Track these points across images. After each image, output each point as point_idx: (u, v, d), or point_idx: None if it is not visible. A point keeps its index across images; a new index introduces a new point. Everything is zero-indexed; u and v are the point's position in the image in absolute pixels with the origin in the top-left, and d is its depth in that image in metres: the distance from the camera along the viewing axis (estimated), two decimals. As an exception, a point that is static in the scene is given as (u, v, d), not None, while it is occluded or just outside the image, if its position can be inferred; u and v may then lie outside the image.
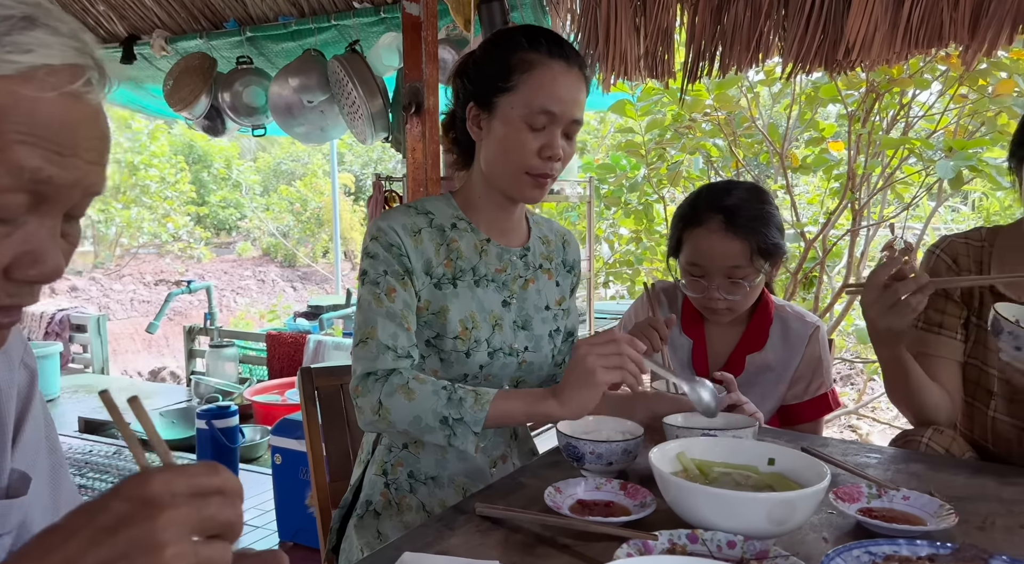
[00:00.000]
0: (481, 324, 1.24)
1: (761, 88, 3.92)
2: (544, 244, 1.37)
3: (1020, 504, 1.02)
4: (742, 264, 1.45)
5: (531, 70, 1.17)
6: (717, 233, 1.46)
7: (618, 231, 5.98)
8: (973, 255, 1.36)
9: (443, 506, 1.24)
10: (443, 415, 1.09)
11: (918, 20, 2.10)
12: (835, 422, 3.99)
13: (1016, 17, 2.00)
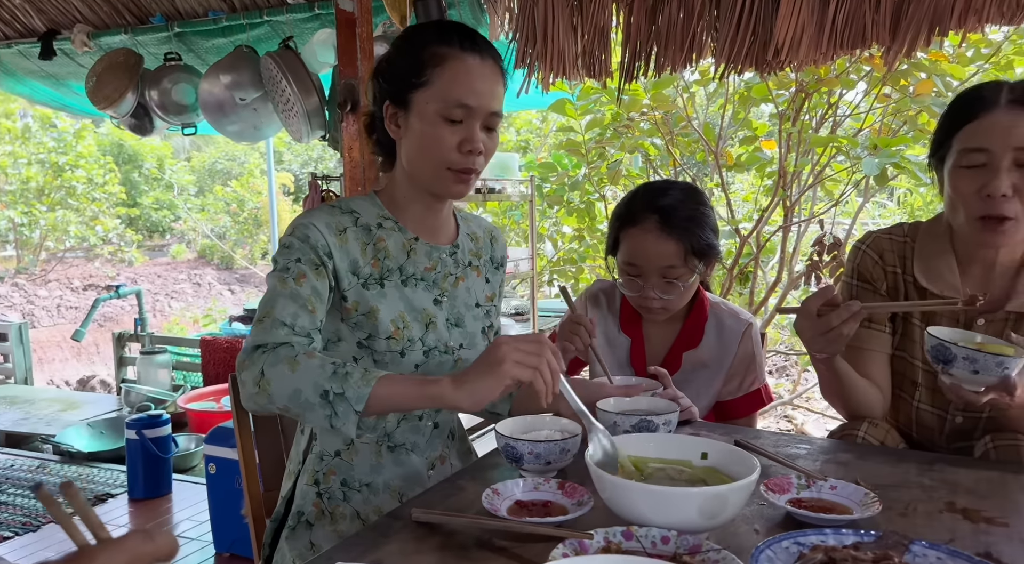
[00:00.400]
0: (413, 323, 1.23)
1: (697, 88, 3.99)
2: (473, 241, 1.37)
3: (939, 490, 1.06)
4: (676, 264, 1.47)
5: (443, 64, 1.15)
6: (652, 233, 1.47)
7: (561, 229, 6.02)
8: (897, 250, 1.40)
9: (379, 513, 1.21)
10: (324, 388, 1.01)
11: (842, 22, 2.17)
12: (771, 413, 4.10)
13: (933, 20, 2.08)
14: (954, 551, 0.80)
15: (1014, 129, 1.19)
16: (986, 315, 1.30)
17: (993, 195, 1.19)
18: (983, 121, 1.22)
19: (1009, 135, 1.19)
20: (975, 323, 1.31)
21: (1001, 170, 1.19)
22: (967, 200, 1.23)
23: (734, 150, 3.95)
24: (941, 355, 1.11)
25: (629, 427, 1.22)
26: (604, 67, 2.60)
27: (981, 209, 1.21)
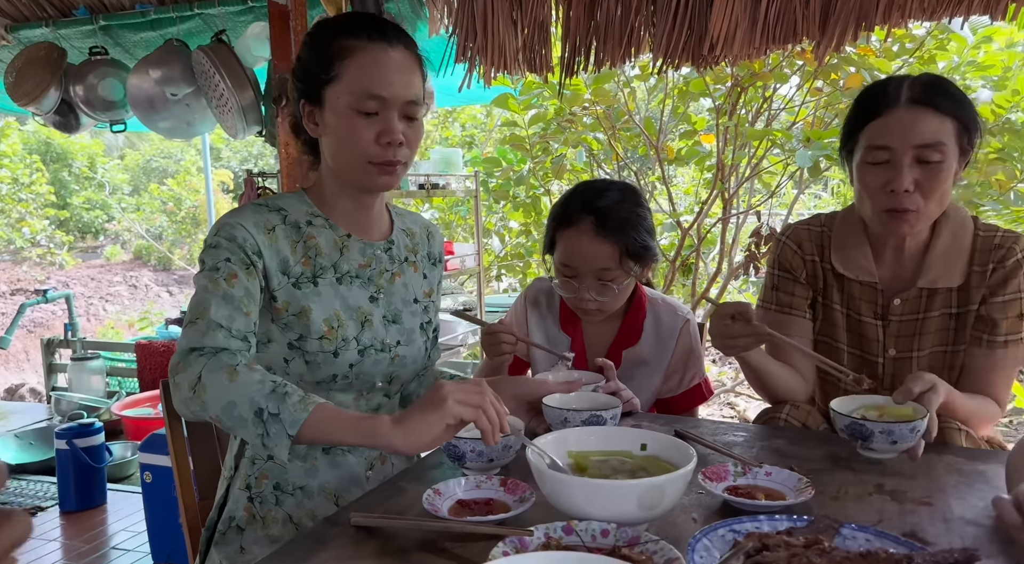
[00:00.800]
0: (348, 322, 1.20)
1: (637, 83, 4.04)
2: (408, 237, 1.35)
3: (869, 472, 1.10)
4: (611, 266, 1.47)
5: (351, 56, 1.13)
6: (587, 235, 1.46)
7: (508, 224, 6.03)
8: (814, 239, 1.47)
9: (312, 517, 1.19)
10: (260, 406, 0.97)
11: (774, 17, 2.22)
12: (714, 400, 4.19)
13: (859, 15, 2.14)
14: (881, 532, 0.83)
15: (914, 128, 1.25)
16: (900, 294, 1.39)
17: (896, 191, 1.26)
18: (886, 119, 1.28)
19: (909, 134, 1.25)
20: (892, 302, 1.39)
21: (903, 167, 1.25)
22: (873, 194, 1.30)
23: (674, 144, 4.02)
24: (858, 433, 1.12)
25: (580, 423, 1.23)
26: (545, 62, 2.60)
27: (886, 203, 1.28)
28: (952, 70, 3.28)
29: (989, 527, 0.91)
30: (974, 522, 0.92)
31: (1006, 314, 1.32)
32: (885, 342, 1.41)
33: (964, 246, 1.35)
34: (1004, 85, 3.24)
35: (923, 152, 1.25)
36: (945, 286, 1.35)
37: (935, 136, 1.24)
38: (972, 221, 1.38)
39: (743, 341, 1.28)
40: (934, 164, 1.25)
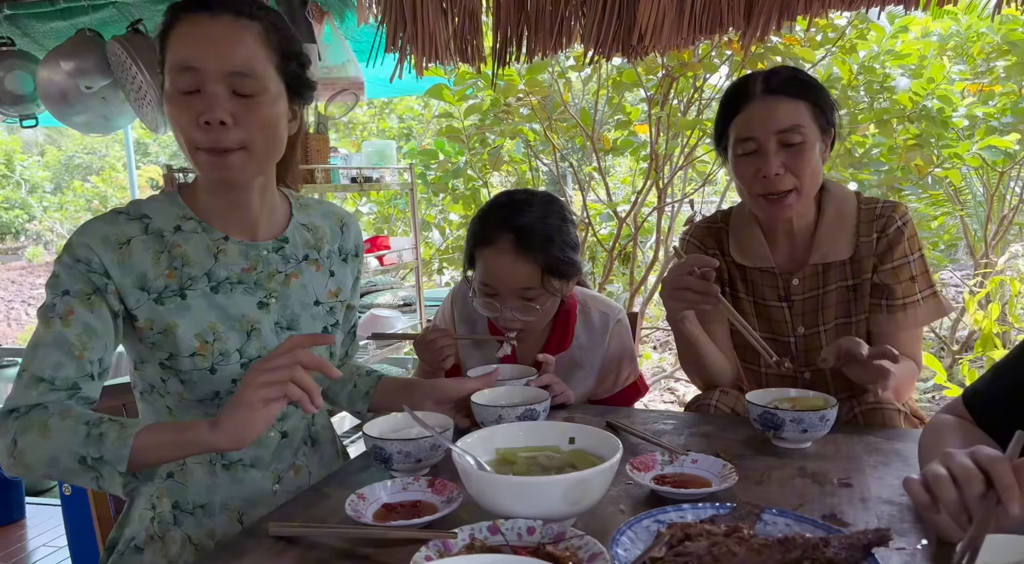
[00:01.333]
0: (228, 334, 1.11)
1: (572, 73, 4.04)
2: (310, 231, 1.23)
3: (791, 455, 1.12)
4: (533, 285, 1.42)
5: (171, 31, 1.02)
6: (507, 255, 1.40)
7: (448, 217, 5.98)
8: (714, 235, 1.56)
9: (212, 536, 1.12)
10: (81, 454, 0.93)
11: (700, 7, 2.23)
12: (655, 385, 4.26)
13: (782, 5, 2.18)
14: (801, 517, 0.84)
15: (772, 116, 1.34)
16: (796, 274, 1.45)
17: (768, 176, 1.34)
18: (747, 112, 1.37)
19: (769, 122, 1.34)
20: (791, 283, 1.45)
21: (770, 153, 1.34)
22: (749, 183, 1.38)
23: (610, 134, 4.05)
24: (770, 422, 1.14)
25: (515, 418, 1.22)
26: (477, 51, 2.56)
27: (761, 188, 1.36)
28: (872, 59, 3.39)
29: (904, 505, 0.93)
30: (890, 501, 0.95)
31: (898, 279, 1.39)
32: (792, 322, 1.47)
33: (849, 220, 1.43)
34: (920, 73, 3.37)
35: (784, 136, 1.33)
36: (836, 259, 1.42)
37: (792, 120, 1.33)
38: (854, 196, 1.46)
39: (692, 296, 1.29)
40: (797, 145, 1.34)
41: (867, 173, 3.50)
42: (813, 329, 1.46)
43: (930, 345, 4.55)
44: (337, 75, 2.72)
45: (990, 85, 3.78)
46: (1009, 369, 0.99)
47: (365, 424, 1.14)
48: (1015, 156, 3.88)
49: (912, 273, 1.39)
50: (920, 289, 1.39)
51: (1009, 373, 0.99)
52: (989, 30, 3.69)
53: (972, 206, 4.60)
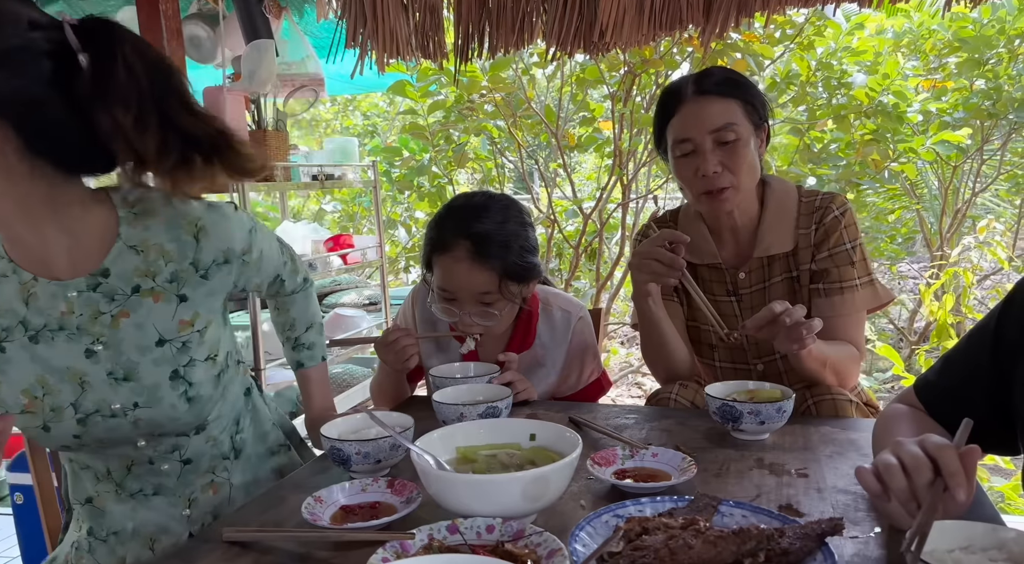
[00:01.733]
0: (60, 386, 1.00)
1: (536, 70, 4.04)
2: (140, 254, 1.02)
3: (750, 447, 1.13)
4: (491, 291, 1.40)
5: None
6: (464, 262, 1.37)
7: (414, 214, 5.94)
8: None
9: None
10: None
11: (660, 4, 2.25)
12: (622, 380, 4.29)
13: (740, 3, 2.20)
14: (757, 508, 0.85)
15: (705, 115, 1.37)
16: (742, 268, 1.49)
17: (706, 174, 1.37)
18: (681, 114, 1.40)
19: (703, 121, 1.37)
20: (738, 277, 1.49)
21: (706, 152, 1.37)
22: (689, 182, 1.42)
23: (575, 131, 4.05)
24: (729, 415, 1.15)
25: (477, 416, 1.21)
26: (439, 48, 2.54)
27: (702, 187, 1.40)
28: (829, 56, 3.45)
29: (858, 494, 0.95)
30: (845, 490, 0.96)
31: (835, 264, 1.42)
32: (742, 315, 1.50)
33: (790, 213, 1.46)
34: (876, 70, 3.43)
35: (719, 134, 1.37)
36: (779, 251, 1.46)
37: (724, 118, 1.37)
38: (796, 190, 1.50)
39: (658, 267, 1.33)
40: (731, 143, 1.37)
41: (826, 168, 3.56)
42: None
43: (888, 336, 4.66)
44: (296, 71, 2.68)
45: (943, 81, 3.87)
46: (957, 359, 1.02)
47: (323, 425, 1.13)
48: (967, 150, 3.99)
49: (850, 259, 1.41)
50: (858, 275, 1.42)
51: (957, 363, 1.01)
52: (940, 27, 3.78)
53: (928, 200, 4.71)
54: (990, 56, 3.65)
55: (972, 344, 0.99)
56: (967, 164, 4.27)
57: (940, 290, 3.34)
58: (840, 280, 1.41)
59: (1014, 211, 4.80)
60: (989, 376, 0.94)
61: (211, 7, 2.63)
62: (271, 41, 2.38)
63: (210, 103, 2.40)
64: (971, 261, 3.62)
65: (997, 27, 3.60)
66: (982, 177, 4.44)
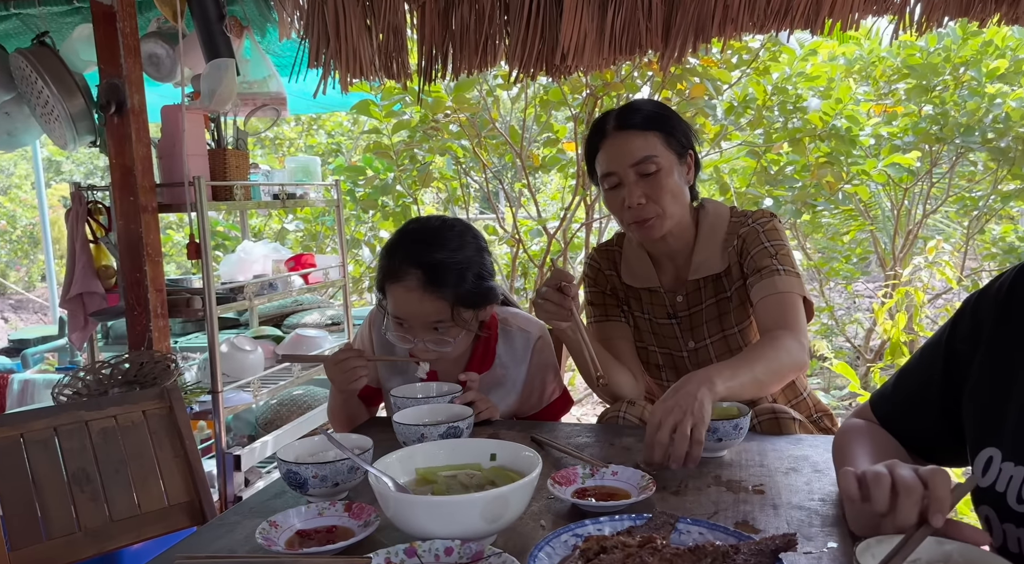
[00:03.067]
0: None
1: (501, 91, 4.08)
2: None
3: (709, 464, 1.14)
4: (444, 319, 1.39)
5: None
6: (416, 292, 1.36)
7: (378, 234, 5.91)
8: (610, 258, 1.64)
9: None
10: None
11: (620, 29, 2.29)
12: (588, 399, 4.29)
13: (698, 28, 2.25)
14: (714, 525, 0.86)
15: (625, 150, 1.43)
16: (679, 291, 1.53)
17: (632, 206, 1.42)
18: (604, 150, 1.46)
19: (623, 156, 1.42)
20: (676, 299, 1.53)
21: (630, 184, 1.42)
22: (618, 213, 1.47)
23: (539, 152, 4.09)
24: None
25: (438, 437, 1.20)
26: (403, 68, 2.55)
27: (629, 217, 1.45)
28: (785, 81, 3.54)
29: (812, 510, 0.96)
30: (800, 506, 0.98)
31: (760, 264, 1.42)
32: (683, 337, 1.54)
33: (719, 235, 1.51)
34: (829, 94, 3.54)
35: (640, 167, 1.41)
36: (711, 273, 1.49)
37: (644, 151, 1.42)
38: (728, 211, 1.54)
39: (550, 307, 1.35)
40: (653, 175, 1.42)
41: (782, 189, 3.65)
42: (701, 343, 1.53)
43: (845, 355, 4.76)
44: (258, 90, 2.66)
45: (893, 106, 4.01)
46: (910, 374, 1.04)
47: (280, 449, 1.11)
48: (917, 173, 4.12)
49: (770, 253, 1.42)
50: (782, 264, 1.40)
51: (910, 378, 1.04)
52: (890, 54, 3.92)
53: (881, 221, 4.85)
54: (937, 83, 3.80)
55: (924, 360, 1.01)
56: (917, 186, 4.41)
57: (893, 309, 3.43)
58: (762, 268, 1.41)
59: (964, 232, 4.97)
60: (941, 389, 0.97)
61: (170, 26, 2.60)
62: (231, 60, 2.36)
63: (168, 122, 2.37)
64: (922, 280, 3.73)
65: (943, 55, 3.75)
66: (932, 199, 4.59)
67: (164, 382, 2.14)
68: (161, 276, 2.28)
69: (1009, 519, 0.82)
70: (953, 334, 0.96)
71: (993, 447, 0.85)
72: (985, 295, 0.93)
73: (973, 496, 0.88)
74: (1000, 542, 0.83)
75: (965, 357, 0.94)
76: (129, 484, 1.41)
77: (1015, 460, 0.82)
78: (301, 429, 2.73)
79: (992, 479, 0.84)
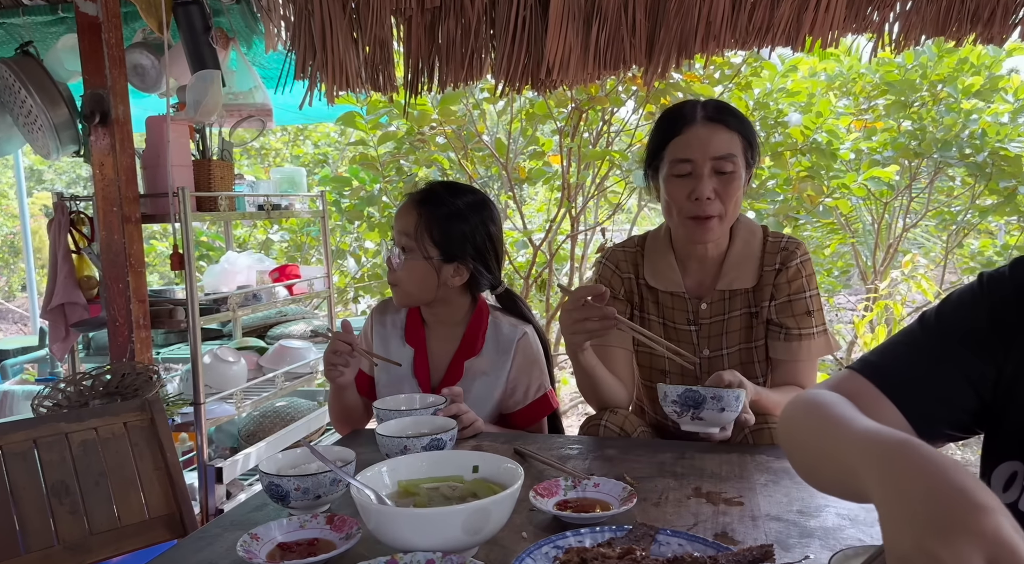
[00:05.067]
0: None
1: (487, 105, 4.10)
2: None
3: (689, 477, 1.15)
4: (409, 234, 1.54)
5: None
6: (406, 206, 1.56)
7: (364, 245, 5.90)
8: (629, 259, 1.61)
9: None
10: None
11: (604, 44, 2.32)
12: (573, 411, 4.30)
13: (681, 44, 2.28)
14: (693, 537, 0.87)
15: (710, 141, 1.41)
16: (705, 299, 1.53)
17: (700, 198, 1.40)
18: (686, 135, 1.43)
19: (707, 147, 1.40)
20: (700, 307, 1.53)
21: (704, 177, 1.40)
22: (679, 204, 1.44)
23: (525, 164, 4.12)
24: (691, 400, 1.22)
25: (421, 449, 1.20)
26: (389, 80, 2.57)
27: (691, 210, 1.42)
28: (766, 96, 3.60)
29: (790, 521, 0.97)
30: (778, 518, 0.99)
31: (794, 312, 1.47)
32: (699, 344, 1.54)
33: (755, 251, 1.51)
34: (810, 109, 3.59)
35: (719, 163, 1.40)
36: (741, 287, 1.50)
37: (728, 148, 1.41)
38: (761, 229, 1.55)
39: (591, 325, 1.33)
40: (729, 174, 1.41)
41: (764, 203, 3.69)
42: (717, 352, 1.53)
43: (828, 367, 4.80)
44: (244, 101, 2.67)
45: (872, 121, 4.07)
46: (919, 350, 0.87)
47: (261, 461, 1.11)
48: (897, 187, 4.19)
49: (809, 308, 1.47)
50: (815, 324, 1.48)
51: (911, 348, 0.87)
52: (869, 71, 3.99)
53: (862, 234, 4.91)
54: (915, 99, 3.87)
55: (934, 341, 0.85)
56: (897, 200, 4.48)
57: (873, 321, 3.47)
58: (799, 327, 1.46)
59: (943, 246, 5.04)
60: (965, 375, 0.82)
61: (156, 36, 2.60)
62: (217, 71, 2.36)
63: (153, 132, 2.36)
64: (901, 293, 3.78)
65: (920, 72, 3.82)
66: (912, 213, 4.66)
67: (146, 394, 2.13)
68: (144, 287, 2.27)
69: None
70: (975, 324, 0.83)
71: (1017, 461, 0.78)
72: (997, 291, 0.82)
73: None
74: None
75: (991, 349, 0.81)
76: (109, 497, 1.40)
77: None
78: (284, 441, 2.71)
79: (1015, 497, 0.77)
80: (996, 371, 0.81)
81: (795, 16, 2.00)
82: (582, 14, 2.20)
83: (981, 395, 0.82)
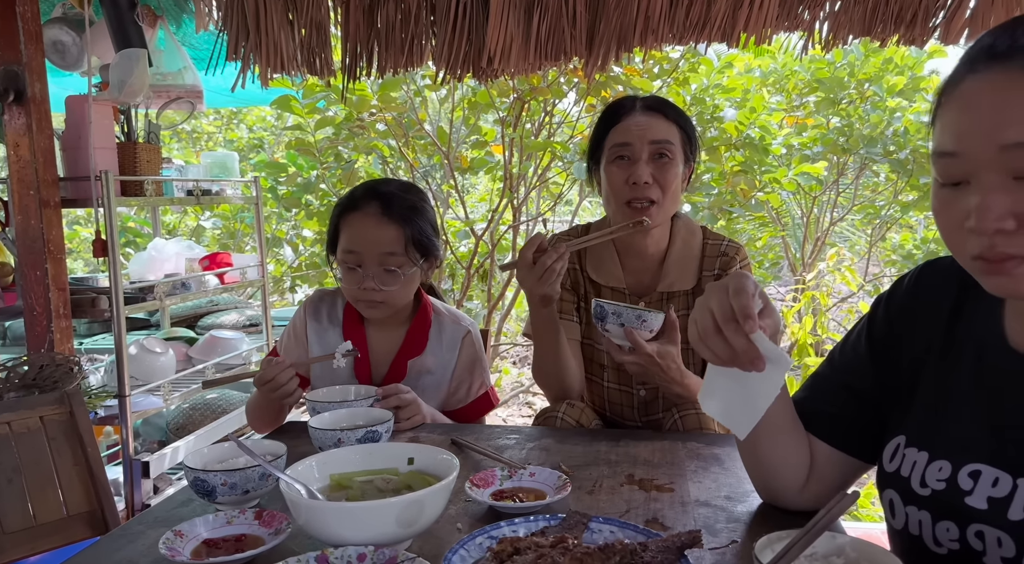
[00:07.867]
0: None
1: (429, 92, 4.05)
2: None
3: (623, 464, 1.17)
4: (397, 251, 1.45)
5: None
6: (373, 217, 1.45)
7: (301, 233, 5.77)
8: (572, 250, 1.59)
9: None
10: None
11: (545, 35, 2.32)
12: (513, 401, 4.32)
13: (620, 37, 2.31)
14: (625, 523, 0.88)
15: (649, 127, 1.45)
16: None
17: (637, 182, 1.44)
18: (625, 122, 1.47)
19: (645, 132, 1.45)
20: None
21: (641, 162, 1.45)
22: (618, 189, 1.47)
23: (467, 154, 4.09)
24: (599, 314, 1.31)
25: (355, 441, 1.18)
26: (326, 64, 2.51)
27: (629, 194, 1.45)
28: (703, 91, 3.67)
29: (718, 507, 1.00)
30: (707, 503, 1.01)
31: None
32: None
33: (694, 252, 1.54)
34: (745, 105, 3.68)
35: (656, 147, 1.44)
36: (681, 289, 1.52)
37: (665, 135, 1.45)
38: (701, 230, 1.58)
39: (557, 264, 1.34)
40: (666, 160, 1.45)
41: (699, 196, 3.77)
42: None
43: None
44: (172, 82, 2.56)
45: (803, 118, 4.21)
46: (825, 378, 1.00)
47: (186, 456, 1.07)
48: (825, 182, 4.34)
49: None
50: None
51: (826, 379, 1.00)
52: (801, 68, 4.11)
53: (792, 227, 5.08)
54: (843, 96, 4.01)
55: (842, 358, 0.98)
56: (825, 195, 4.64)
57: (801, 312, 3.60)
58: None
59: (868, 239, 5.26)
60: (861, 382, 0.94)
61: (77, 12, 2.47)
62: (143, 50, 2.26)
63: (74, 113, 2.25)
64: (827, 285, 3.93)
65: (848, 70, 3.96)
66: (839, 208, 4.84)
67: (66, 386, 2.03)
68: (64, 274, 2.17)
69: (912, 502, 0.85)
70: (871, 331, 0.95)
71: (900, 435, 0.88)
72: (895, 293, 0.95)
73: (879, 481, 0.91)
74: (902, 524, 0.86)
75: (883, 352, 0.93)
76: (24, 494, 1.34)
77: (918, 445, 0.85)
78: (215, 434, 2.64)
79: (898, 464, 0.87)
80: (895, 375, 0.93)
81: (730, 12, 2.04)
82: (523, 3, 2.20)
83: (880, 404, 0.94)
